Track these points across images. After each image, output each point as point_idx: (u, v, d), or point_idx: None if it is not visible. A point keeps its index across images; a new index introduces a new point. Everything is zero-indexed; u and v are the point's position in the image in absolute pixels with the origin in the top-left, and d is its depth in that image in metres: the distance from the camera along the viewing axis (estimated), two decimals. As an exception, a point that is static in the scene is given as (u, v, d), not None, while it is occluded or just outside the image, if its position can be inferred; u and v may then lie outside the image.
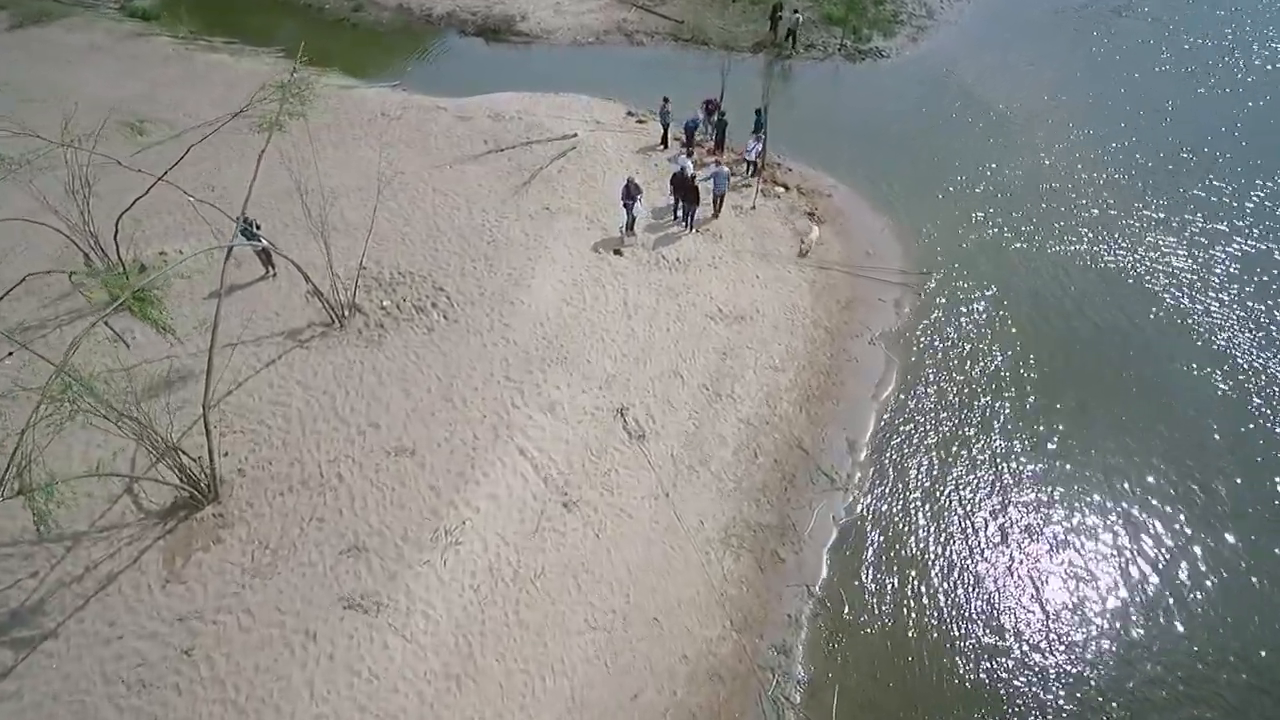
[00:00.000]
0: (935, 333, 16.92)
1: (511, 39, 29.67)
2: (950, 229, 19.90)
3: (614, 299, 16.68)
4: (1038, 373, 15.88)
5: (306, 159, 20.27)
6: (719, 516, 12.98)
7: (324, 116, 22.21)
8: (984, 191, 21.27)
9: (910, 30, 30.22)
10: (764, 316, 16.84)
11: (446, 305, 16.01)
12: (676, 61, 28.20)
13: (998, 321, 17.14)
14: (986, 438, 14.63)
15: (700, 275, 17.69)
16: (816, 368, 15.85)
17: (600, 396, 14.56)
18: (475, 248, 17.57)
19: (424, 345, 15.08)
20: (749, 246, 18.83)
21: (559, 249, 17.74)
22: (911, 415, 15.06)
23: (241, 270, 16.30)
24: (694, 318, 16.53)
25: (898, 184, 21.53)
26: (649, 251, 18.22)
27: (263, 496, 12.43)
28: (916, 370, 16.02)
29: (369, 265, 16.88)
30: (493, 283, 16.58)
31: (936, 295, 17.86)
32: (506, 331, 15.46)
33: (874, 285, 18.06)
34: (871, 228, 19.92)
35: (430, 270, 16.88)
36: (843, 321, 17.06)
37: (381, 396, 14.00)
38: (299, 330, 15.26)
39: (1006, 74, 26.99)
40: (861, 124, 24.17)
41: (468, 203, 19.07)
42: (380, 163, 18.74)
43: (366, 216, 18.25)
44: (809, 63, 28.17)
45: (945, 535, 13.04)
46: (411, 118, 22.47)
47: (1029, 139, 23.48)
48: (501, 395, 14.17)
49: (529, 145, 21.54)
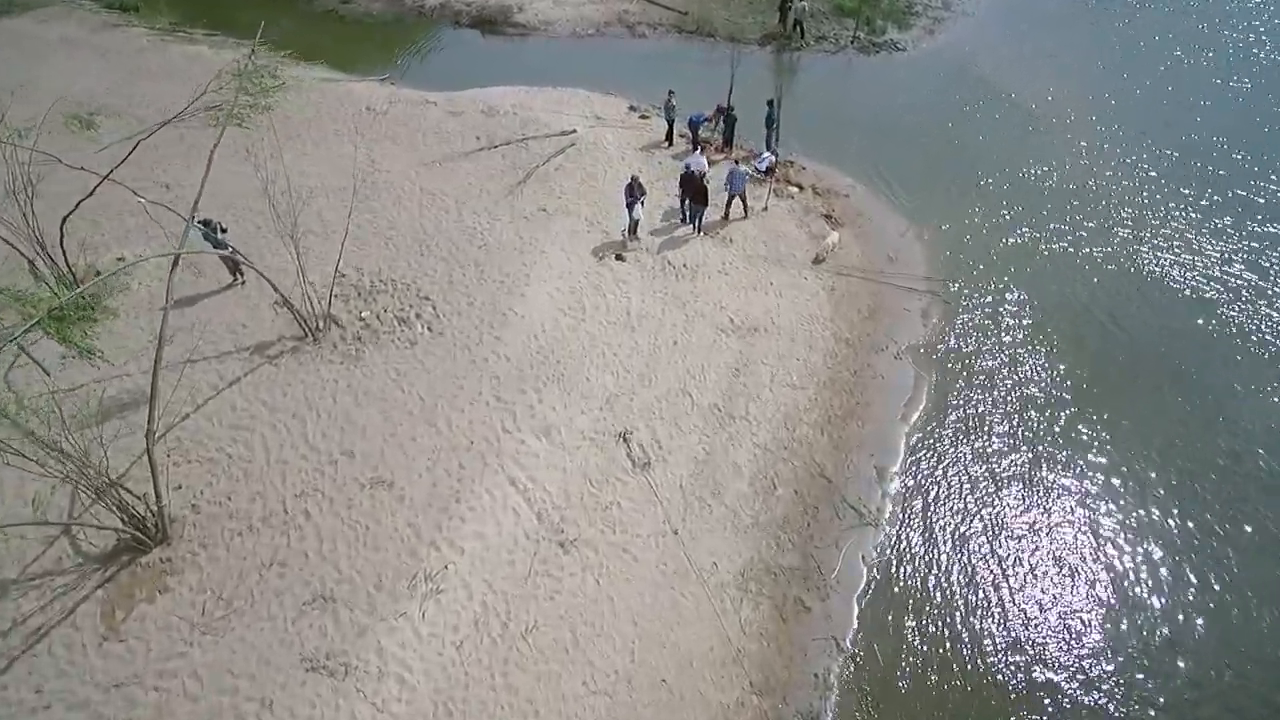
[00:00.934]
0: (965, 346, 15.47)
1: (508, 31, 28.25)
2: (976, 232, 18.46)
3: (616, 309, 15.25)
4: (1077, 391, 14.44)
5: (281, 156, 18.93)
6: (734, 557, 11.54)
7: (305, 111, 20.81)
8: (1011, 191, 19.83)
9: (926, 22, 28.78)
10: (779, 328, 15.40)
11: (432, 316, 14.57)
12: (680, 54, 26.76)
13: (1031, 333, 15.69)
14: (1027, 464, 13.18)
15: (709, 282, 16.25)
16: (839, 385, 14.40)
17: (600, 419, 13.13)
18: (464, 252, 16.13)
19: (406, 361, 13.64)
20: (761, 251, 17.38)
21: (556, 254, 16.30)
22: (944, 438, 13.62)
23: (205, 278, 14.86)
24: (703, 329, 15.10)
25: (919, 184, 20.09)
26: (654, 256, 16.79)
27: (218, 537, 10.98)
28: (947, 387, 14.58)
29: (348, 272, 15.43)
30: (483, 291, 15.15)
31: (964, 304, 16.42)
32: (497, 345, 14.02)
33: (898, 293, 16.61)
34: (892, 231, 18.48)
35: (415, 277, 15.44)
36: (865, 333, 15.62)
37: (357, 420, 12.56)
38: (267, 345, 13.81)
39: (1028, 67, 25.55)
40: (879, 120, 22.72)
41: (457, 203, 17.62)
42: (358, 160, 17.28)
43: (345, 217, 16.82)
44: (820, 56, 26.72)
45: (991, 578, 11.60)
46: (399, 112, 21.02)
47: (1055, 135, 22.04)
48: (491, 418, 12.73)
49: (524, 142, 20.10)
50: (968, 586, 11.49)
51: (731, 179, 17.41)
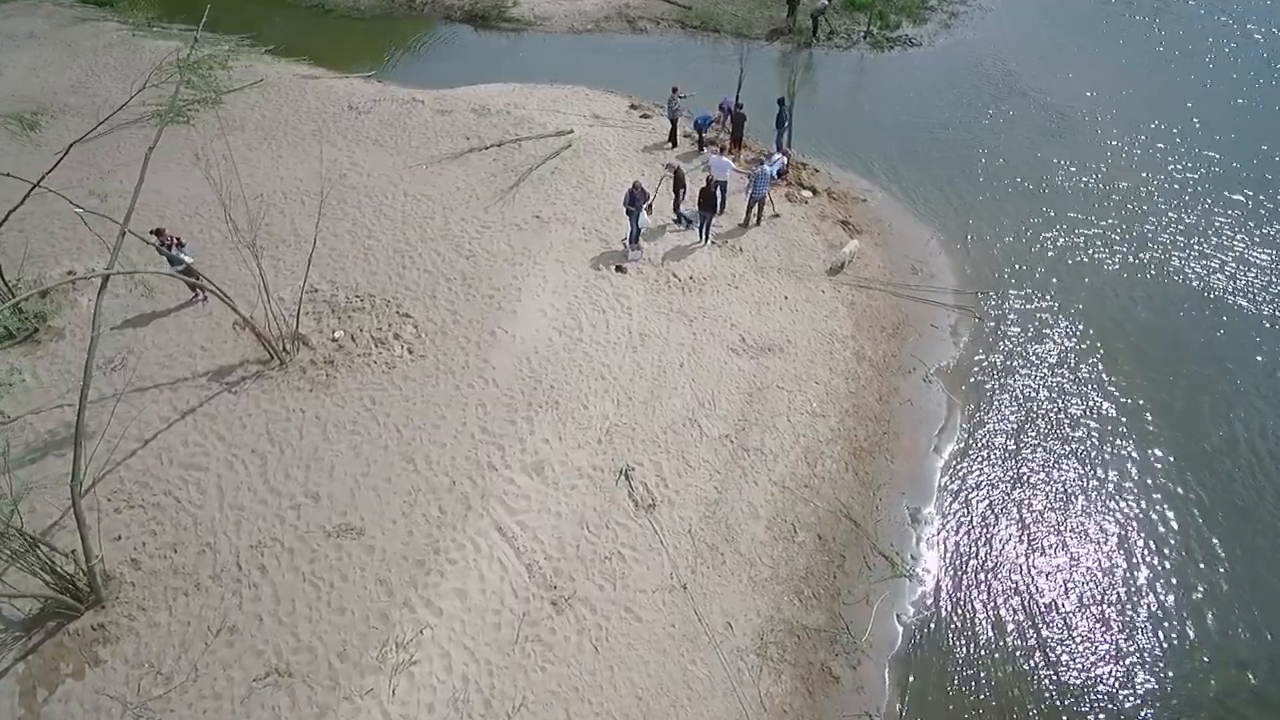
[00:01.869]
0: (1000, 367, 14.07)
1: (502, 26, 26.86)
2: (1006, 239, 17.06)
3: (616, 327, 13.84)
4: (1129, 418, 13.04)
5: (249, 159, 17.55)
6: (752, 616, 10.13)
7: (282, 110, 19.42)
8: (1042, 195, 18.43)
9: (942, 16, 27.41)
10: (796, 348, 13.99)
11: (412, 336, 13.16)
12: (684, 51, 25.38)
13: (1072, 352, 14.30)
14: (1077, 503, 11.78)
15: (719, 297, 14.84)
16: (864, 413, 13.00)
17: (599, 453, 11.72)
18: (450, 264, 14.72)
19: (382, 388, 12.23)
20: (774, 261, 15.98)
21: (551, 265, 14.90)
22: (983, 474, 12.22)
23: (164, 295, 13.43)
24: (713, 350, 13.69)
25: (942, 187, 18.70)
26: (657, 268, 15.38)
27: (161, 597, 9.57)
28: (983, 415, 13.18)
29: (321, 286, 14.03)
30: (470, 308, 13.75)
31: (998, 320, 15.02)
32: (485, 369, 12.62)
33: (924, 308, 15.21)
34: (916, 239, 17.07)
35: (395, 292, 14.03)
36: (891, 353, 14.21)
37: (325, 456, 11.15)
38: (228, 370, 12.40)
39: (1049, 63, 24.16)
40: (895, 119, 21.34)
41: (444, 210, 16.21)
42: (338, 162, 15.87)
43: (323, 225, 15.41)
44: (832, 52, 25.33)
45: (1047, 637, 10.18)
46: (383, 111, 19.61)
47: (1088, 135, 20.64)
48: (476, 453, 11.33)
49: (518, 143, 18.69)
50: (1020, 649, 10.09)
51: (757, 182, 16.01)
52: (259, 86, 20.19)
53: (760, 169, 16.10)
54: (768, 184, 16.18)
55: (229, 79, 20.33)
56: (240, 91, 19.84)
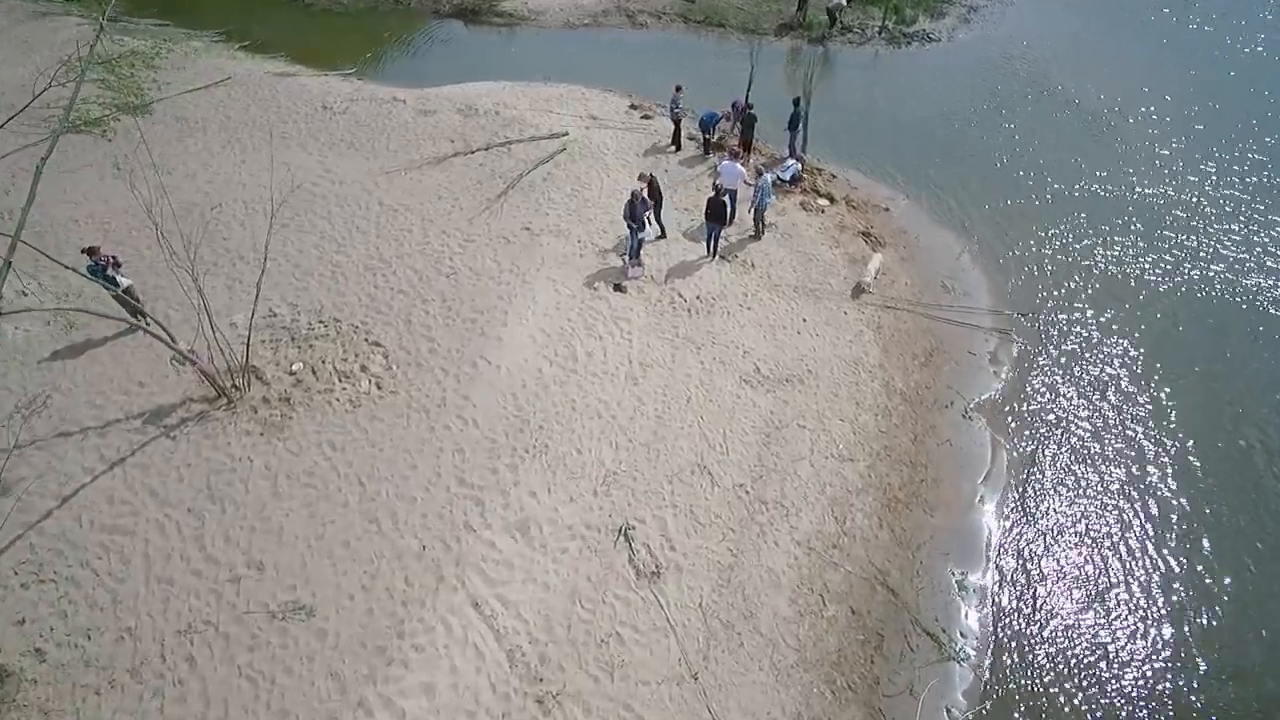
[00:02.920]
0: (1048, 400, 12.48)
1: (493, 21, 25.33)
2: (1046, 253, 15.48)
3: (615, 356, 12.24)
4: (1201, 457, 11.45)
5: (209, 164, 15.91)
6: (776, 714, 8.52)
7: (248, 110, 17.81)
8: (1077, 203, 16.85)
9: (960, 10, 25.89)
10: (818, 379, 12.39)
11: (382, 368, 11.55)
12: (688, 47, 23.85)
13: (1129, 381, 12.71)
14: (1154, 566, 10.18)
15: (730, 320, 13.24)
16: (897, 456, 11.40)
17: (595, 507, 10.12)
18: (429, 284, 13.12)
19: (345, 431, 10.62)
20: (790, 278, 14.38)
21: (541, 285, 13.30)
22: (1039, 529, 10.62)
23: (97, 321, 11.81)
24: (724, 382, 12.09)
25: (971, 195, 17.12)
26: (660, 286, 13.79)
27: (68, 699, 7.95)
28: (1033, 457, 11.58)
29: (281, 309, 12.43)
30: (449, 334, 12.14)
31: (1042, 345, 13.43)
32: (464, 407, 11.02)
33: (959, 332, 13.61)
34: (946, 253, 15.49)
35: (365, 316, 12.42)
36: (924, 384, 12.61)
37: (273, 517, 9.54)
38: (167, 410, 10.78)
39: (1080, 59, 22.61)
40: (915, 120, 19.77)
41: (423, 221, 14.61)
42: (291, 170, 14.26)
43: (286, 239, 13.83)
44: (845, 48, 23.78)
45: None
46: (360, 111, 18.00)
47: (1122, 137, 19.08)
48: (452, 509, 9.73)
49: (507, 146, 17.10)
50: (1092, 752, 8.50)
51: (760, 192, 14.42)
52: (225, 85, 18.60)
53: (762, 179, 14.47)
54: (771, 195, 14.59)
55: (192, 77, 18.78)
56: (204, 91, 18.26)
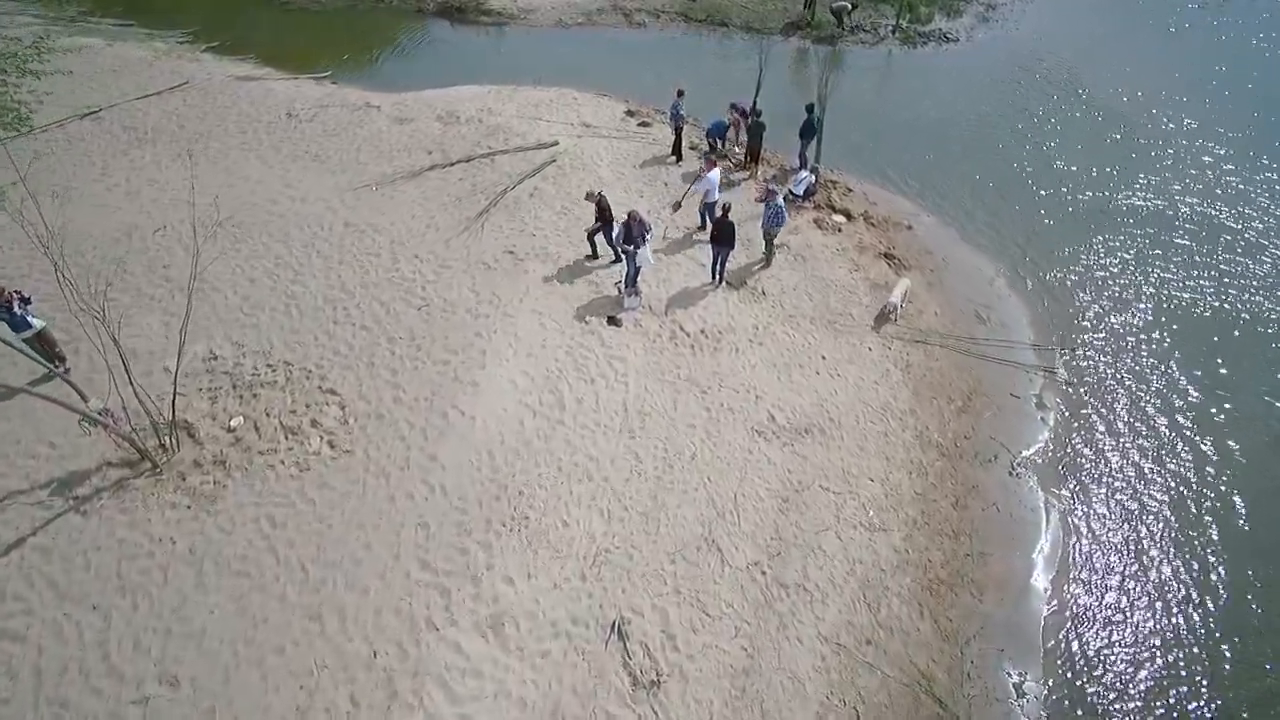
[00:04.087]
0: (1105, 451, 10.89)
1: (481, 20, 23.69)
2: (1087, 275, 13.91)
3: (608, 403, 10.64)
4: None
5: (156, 180, 14.27)
6: None
7: (205, 119, 16.19)
8: (1121, 218, 15.28)
9: (978, 8, 24.29)
10: (841, 428, 10.79)
11: (337, 423, 9.94)
12: (688, 47, 22.24)
13: (1192, 426, 11.12)
14: (1245, 662, 8.60)
15: (739, 358, 11.64)
16: (937, 524, 9.79)
17: (583, 595, 8.51)
18: (396, 318, 11.51)
19: (288, 502, 9.00)
20: (806, 308, 12.78)
21: (525, 318, 11.70)
22: (1110, 616, 9.02)
23: (7, 371, 10.18)
24: (733, 433, 10.49)
25: (1000, 210, 15.55)
26: (660, 319, 12.19)
27: None
28: (1093, 521, 9.98)
29: (224, 351, 10.82)
30: (417, 379, 10.53)
31: (1092, 384, 11.85)
32: (431, 470, 9.41)
33: (999, 370, 12.02)
34: (977, 276, 13.90)
35: (320, 358, 10.81)
36: (962, 434, 11.01)
37: (195, 615, 7.93)
38: (81, 477, 9.16)
39: (1108, 61, 21.04)
40: (935, 126, 18.19)
41: (392, 245, 12.99)
42: (269, 184, 12.64)
43: (236, 266, 12.22)
44: (857, 49, 22.17)
45: None
46: (328, 119, 16.36)
47: (1163, 144, 17.51)
48: (411, 603, 8.12)
49: (490, 158, 15.50)
50: None
51: (768, 216, 12.79)
52: (182, 91, 16.97)
53: (776, 203, 12.71)
54: (783, 219, 12.88)
55: (147, 82, 17.17)
56: (158, 97, 16.64)
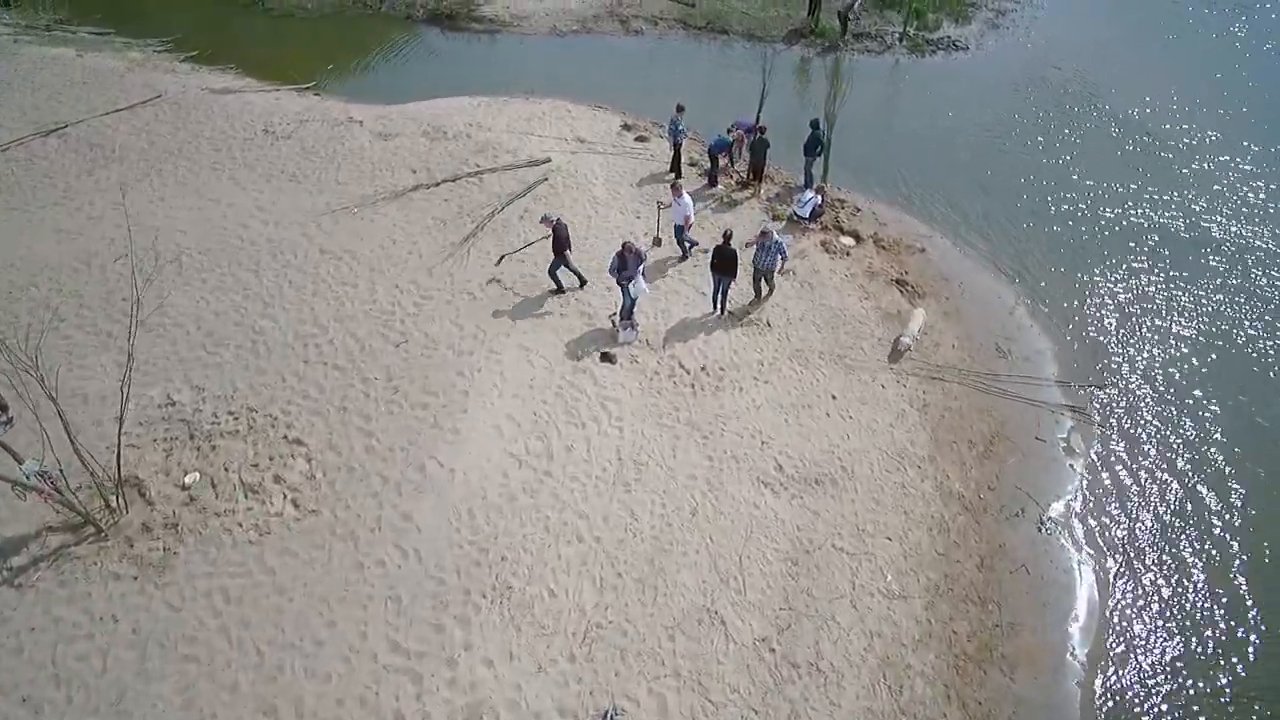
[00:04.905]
0: (1141, 502, 10.02)
1: (472, 27, 22.81)
2: (1115, 303, 13.06)
3: (601, 451, 9.78)
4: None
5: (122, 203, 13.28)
6: None
7: (177, 135, 15.33)
8: (1148, 240, 14.42)
9: (988, 14, 23.43)
10: (854, 478, 9.92)
11: (302, 478, 9.07)
12: (687, 56, 21.38)
13: (1246, 477, 10.25)
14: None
15: (743, 398, 10.77)
16: (961, 590, 8.92)
17: (571, 679, 7.64)
18: (372, 356, 10.65)
19: (245, 572, 8.14)
20: (814, 341, 11.91)
21: (512, 354, 10.85)
22: (1150, 694, 8.16)
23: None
24: (738, 485, 9.62)
25: (1018, 231, 14.70)
26: (657, 353, 11.33)
27: None
28: (1132, 587, 9.12)
29: (182, 395, 9.96)
30: (393, 426, 9.68)
31: (1125, 426, 10.98)
32: (405, 532, 8.55)
33: (1023, 411, 11.14)
34: (996, 304, 13.03)
35: (287, 403, 9.94)
36: (985, 483, 10.14)
37: (135, 709, 7.05)
38: (18, 545, 8.29)
39: (1126, 68, 20.18)
40: (946, 139, 17.34)
41: (371, 273, 12.13)
42: (239, 208, 11.80)
43: (200, 299, 11.36)
44: (863, 57, 21.28)
45: None
46: (307, 136, 15.50)
47: (1188, 159, 16.65)
48: (378, 692, 7.26)
49: (478, 177, 14.64)
50: None
51: (762, 249, 11.64)
52: (154, 105, 16.10)
53: (773, 240, 11.48)
54: (783, 254, 11.80)
55: (117, 96, 16.30)
56: (129, 111, 15.78)
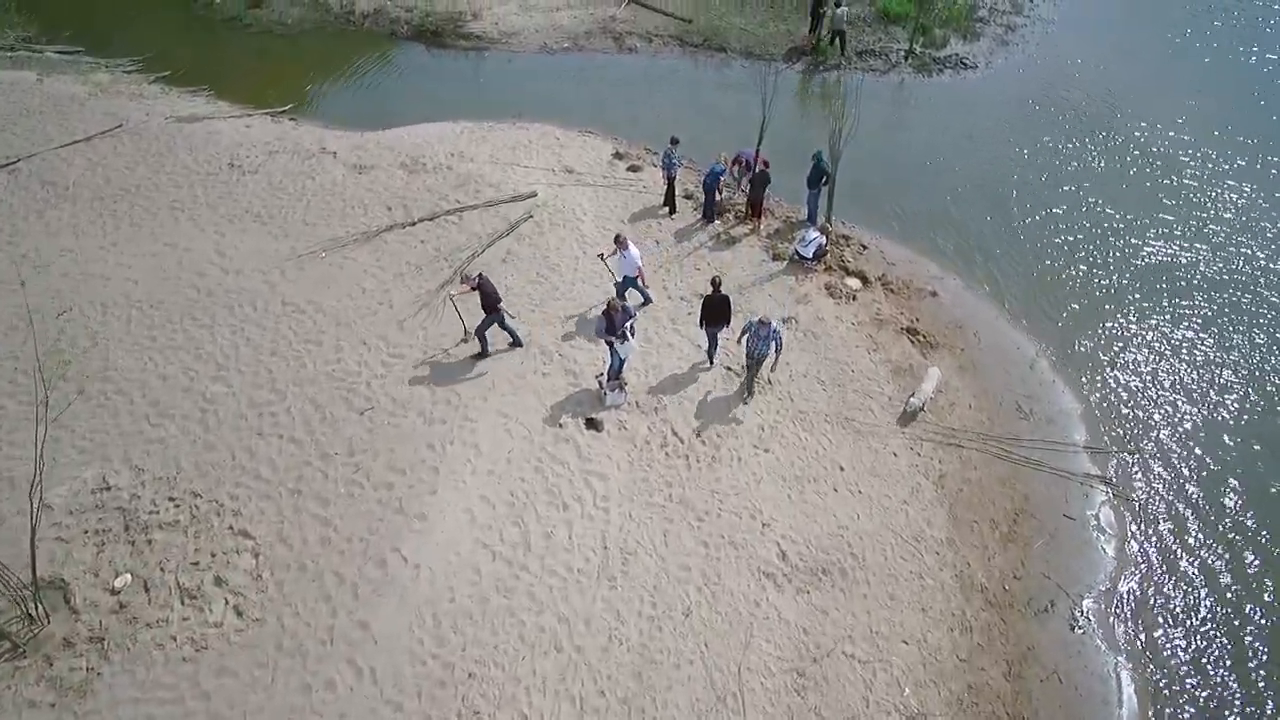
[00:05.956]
0: (1184, 592, 9.04)
1: (459, 45, 21.78)
2: (1150, 355, 12.08)
3: (584, 538, 8.79)
4: None
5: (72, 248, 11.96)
6: None
7: (135, 170, 14.35)
8: (1187, 283, 13.42)
9: (997, 30, 22.41)
10: (866, 567, 8.94)
11: (248, 579, 8.08)
12: (683, 75, 20.37)
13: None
14: None
15: (742, 470, 9.79)
16: (988, 703, 7.92)
17: (546, 826, 6.67)
18: (333, 427, 9.67)
19: (175, 698, 7.15)
20: (819, 402, 10.92)
21: (489, 422, 9.87)
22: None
23: None
24: (736, 578, 8.64)
25: (1037, 271, 13.73)
26: (648, 416, 10.35)
27: None
28: (1177, 697, 8.14)
29: (120, 476, 8.97)
30: (353, 511, 8.69)
31: (1162, 500, 10.00)
32: (360, 646, 7.56)
33: (1048, 482, 10.15)
34: (1016, 357, 12.03)
35: (235, 485, 8.95)
36: (1011, 572, 9.16)
37: None
38: (-85, 665, 7.33)
39: (1145, 90, 19.18)
40: (956, 167, 16.37)
41: (337, 328, 11.14)
42: (201, 252, 10.81)
43: (147, 361, 10.38)
44: (867, 76, 20.28)
45: None
46: (276, 170, 14.50)
47: (1218, 193, 15.65)
48: None
49: (458, 214, 13.67)
50: None
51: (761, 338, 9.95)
52: (114, 136, 15.11)
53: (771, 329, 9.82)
54: (776, 352, 10.14)
55: (76, 126, 15.30)
56: (86, 143, 14.79)
